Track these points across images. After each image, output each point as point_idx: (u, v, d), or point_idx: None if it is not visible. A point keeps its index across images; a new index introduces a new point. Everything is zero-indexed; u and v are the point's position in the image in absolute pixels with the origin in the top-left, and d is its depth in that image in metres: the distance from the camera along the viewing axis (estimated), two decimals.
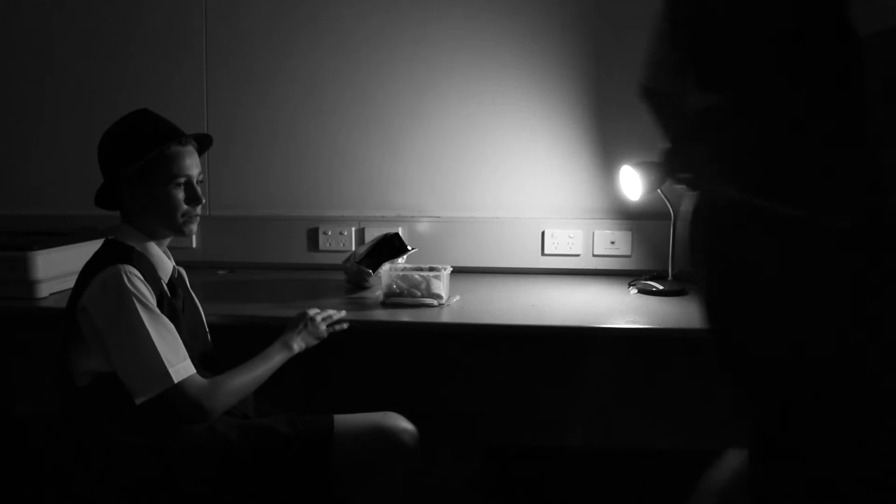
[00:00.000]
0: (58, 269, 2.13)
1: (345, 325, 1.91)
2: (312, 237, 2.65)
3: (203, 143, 1.80)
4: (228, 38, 2.65)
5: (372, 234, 2.54)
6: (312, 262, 2.65)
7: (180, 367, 1.59)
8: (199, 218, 1.76)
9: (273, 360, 1.75)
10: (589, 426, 2.28)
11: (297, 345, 1.80)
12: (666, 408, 2.23)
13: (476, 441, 2.29)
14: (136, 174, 1.68)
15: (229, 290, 2.36)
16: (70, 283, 1.71)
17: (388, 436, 1.67)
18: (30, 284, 2.10)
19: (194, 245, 2.67)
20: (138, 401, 1.56)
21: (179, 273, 1.85)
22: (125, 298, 1.58)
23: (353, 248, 2.57)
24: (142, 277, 1.62)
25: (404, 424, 1.70)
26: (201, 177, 1.76)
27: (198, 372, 1.69)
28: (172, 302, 1.71)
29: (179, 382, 1.58)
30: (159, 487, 1.60)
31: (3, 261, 2.09)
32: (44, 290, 2.12)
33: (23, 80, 2.75)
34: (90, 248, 1.75)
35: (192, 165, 1.73)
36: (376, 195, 2.63)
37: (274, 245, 2.66)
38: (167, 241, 1.78)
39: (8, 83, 2.75)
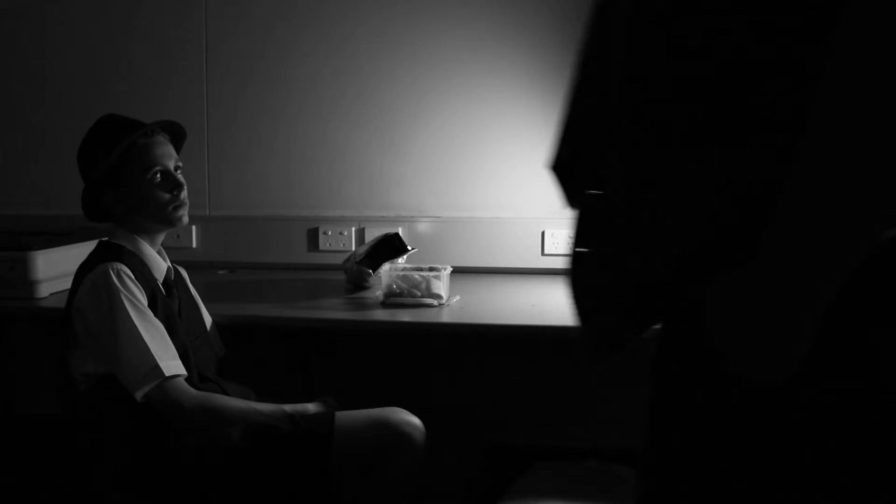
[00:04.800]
0: (58, 269, 2.13)
1: None
2: (312, 237, 2.65)
3: (176, 135, 1.81)
4: (228, 38, 2.65)
5: (372, 234, 2.54)
6: (312, 262, 2.65)
7: (170, 363, 1.59)
8: (187, 204, 1.76)
9: (280, 408, 1.67)
10: (588, 426, 2.28)
11: (314, 408, 1.72)
12: None
13: (476, 441, 2.29)
14: (113, 177, 1.69)
15: (229, 290, 2.36)
16: (70, 283, 1.71)
17: (393, 430, 1.65)
18: (30, 284, 2.10)
19: (194, 245, 2.67)
20: (138, 396, 1.56)
21: (177, 273, 1.85)
22: (113, 296, 1.58)
23: (353, 248, 2.57)
24: (132, 276, 1.62)
25: (410, 418, 1.68)
26: (179, 164, 1.76)
27: (196, 372, 1.69)
28: (168, 302, 1.71)
29: (171, 377, 1.58)
30: (162, 488, 1.60)
31: (3, 261, 2.09)
32: (44, 290, 2.12)
33: (23, 80, 2.75)
34: (90, 248, 1.76)
35: (165, 155, 1.72)
36: (376, 195, 2.63)
37: (274, 245, 2.66)
38: (160, 238, 1.78)
39: (8, 83, 2.75)
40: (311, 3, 2.60)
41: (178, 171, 1.75)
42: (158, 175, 1.70)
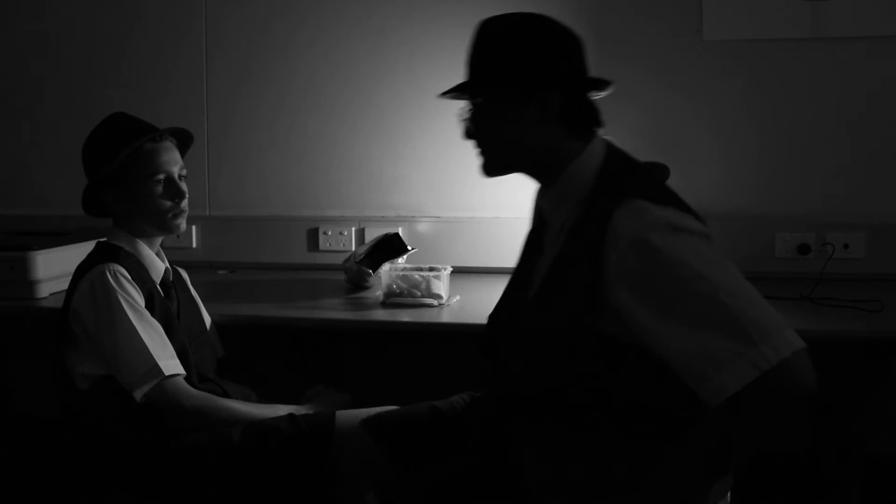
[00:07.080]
0: (58, 269, 2.13)
1: None
2: (312, 237, 2.65)
3: (183, 140, 1.80)
4: (228, 37, 2.65)
5: (372, 234, 2.54)
6: (312, 262, 2.65)
7: (169, 363, 1.60)
8: (186, 213, 1.76)
9: (278, 409, 1.68)
10: None
11: (313, 408, 1.73)
12: None
13: None
14: (116, 176, 1.69)
15: (229, 290, 2.36)
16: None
17: None
18: (30, 284, 2.10)
19: (194, 245, 2.67)
20: (137, 395, 1.56)
21: (176, 274, 1.85)
22: (111, 296, 1.58)
23: (353, 248, 2.57)
24: (129, 277, 1.62)
25: None
26: (184, 171, 1.76)
27: (196, 372, 1.69)
28: (165, 303, 1.71)
29: (170, 376, 1.58)
30: (162, 488, 1.60)
31: (3, 261, 2.09)
32: (44, 290, 2.12)
33: (22, 80, 2.75)
34: (89, 248, 1.76)
35: (171, 161, 1.72)
36: (376, 195, 2.63)
37: (274, 245, 2.66)
38: (159, 240, 1.78)
39: (7, 83, 2.76)
40: (310, 3, 2.60)
41: (183, 180, 1.75)
42: (161, 181, 1.70)
